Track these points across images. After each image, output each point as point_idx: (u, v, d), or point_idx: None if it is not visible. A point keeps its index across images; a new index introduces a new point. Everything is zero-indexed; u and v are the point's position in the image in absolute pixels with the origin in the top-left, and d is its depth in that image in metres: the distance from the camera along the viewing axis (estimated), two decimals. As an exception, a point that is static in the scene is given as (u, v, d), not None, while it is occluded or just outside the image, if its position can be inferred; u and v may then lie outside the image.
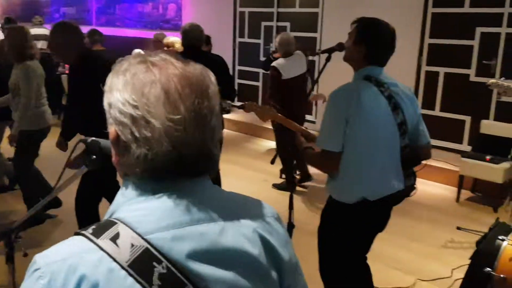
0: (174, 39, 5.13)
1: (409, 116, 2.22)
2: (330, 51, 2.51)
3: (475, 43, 5.55)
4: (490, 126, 5.06)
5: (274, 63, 4.74)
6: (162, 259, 0.73)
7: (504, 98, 5.15)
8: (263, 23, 7.73)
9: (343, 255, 2.41)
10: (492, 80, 3.54)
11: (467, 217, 4.42)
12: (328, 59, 2.54)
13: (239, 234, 0.83)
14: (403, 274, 3.37)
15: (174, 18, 9.11)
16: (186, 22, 3.83)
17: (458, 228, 4.05)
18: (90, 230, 0.77)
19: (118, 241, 0.73)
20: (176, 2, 9.03)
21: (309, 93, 3.40)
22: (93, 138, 1.32)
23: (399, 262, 3.54)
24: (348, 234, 2.32)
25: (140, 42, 8.24)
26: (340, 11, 6.39)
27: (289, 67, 4.70)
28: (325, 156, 2.17)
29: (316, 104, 7.02)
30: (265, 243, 0.86)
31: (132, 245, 0.73)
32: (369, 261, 2.56)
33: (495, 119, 5.37)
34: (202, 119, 0.80)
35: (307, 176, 4.94)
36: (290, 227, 2.65)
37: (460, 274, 2.77)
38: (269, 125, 5.53)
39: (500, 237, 2.70)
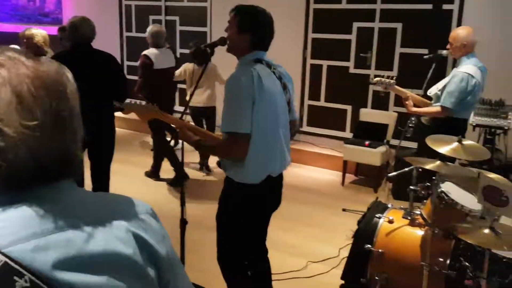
0: (35, 31, 4.49)
1: (291, 95, 2.41)
2: (212, 45, 2.51)
3: (353, 37, 5.97)
4: (368, 114, 5.50)
5: (145, 52, 4.75)
6: (24, 272, 0.68)
7: (376, 88, 5.64)
8: (151, 17, 7.53)
9: (244, 240, 2.45)
10: (376, 79, 3.86)
11: (352, 199, 4.76)
12: (211, 54, 2.55)
13: (110, 236, 0.80)
14: (295, 257, 3.53)
15: (54, 12, 8.49)
16: (74, 16, 3.51)
17: (344, 209, 4.36)
18: None
19: None
20: (55, -7, 8.42)
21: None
22: None
23: (291, 247, 3.71)
24: (252, 215, 2.38)
25: (15, 38, 7.54)
26: (228, 5, 6.43)
27: (161, 58, 4.76)
28: (236, 140, 2.16)
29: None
30: (140, 241, 0.84)
31: None
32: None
33: (372, 108, 5.86)
34: (61, 122, 0.75)
35: (183, 176, 4.97)
36: (183, 223, 2.63)
37: (347, 252, 2.97)
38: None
39: (377, 215, 2.95)
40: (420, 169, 2.88)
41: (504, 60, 4.87)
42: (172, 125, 2.55)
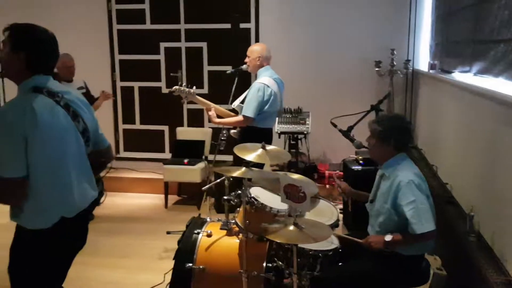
0: None
1: (89, 122, 2.14)
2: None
3: (161, 57, 5.94)
4: (185, 132, 5.50)
5: None
6: None
7: (191, 106, 5.70)
8: None
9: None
10: (175, 87, 3.86)
11: (176, 220, 4.63)
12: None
13: None
14: (118, 294, 3.25)
15: None
16: None
17: (168, 232, 4.20)
18: None
19: None
20: None
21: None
22: None
23: (113, 283, 3.42)
24: (48, 262, 2.06)
25: None
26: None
27: None
28: (9, 185, 1.86)
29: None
30: None
31: None
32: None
33: (188, 126, 5.88)
34: None
35: None
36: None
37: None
38: None
39: (195, 231, 2.89)
40: (231, 179, 2.93)
41: (299, 72, 5.38)
42: None
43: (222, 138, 4.05)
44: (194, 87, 3.90)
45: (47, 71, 2.04)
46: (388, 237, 2.38)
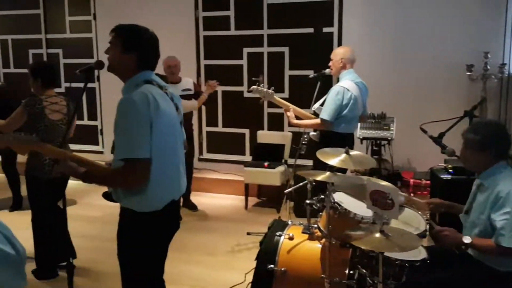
0: None
1: (181, 115, 2.31)
2: (88, 70, 2.34)
3: (244, 62, 6.08)
4: (265, 136, 5.58)
5: None
6: None
7: (271, 110, 5.78)
8: (31, 51, 7.04)
9: (151, 273, 2.25)
10: (253, 87, 3.93)
11: (256, 221, 4.73)
12: (88, 79, 2.36)
13: None
14: (200, 290, 3.37)
15: None
16: None
17: (248, 233, 4.29)
18: None
19: None
20: None
21: (73, 115, 3.17)
22: None
23: (195, 279, 3.54)
24: (156, 244, 2.20)
25: None
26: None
27: None
28: (133, 167, 1.99)
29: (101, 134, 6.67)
30: None
31: None
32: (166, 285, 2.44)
33: (268, 129, 5.96)
34: None
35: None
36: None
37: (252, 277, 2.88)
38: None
39: (277, 233, 2.92)
40: (314, 183, 2.93)
41: (383, 76, 5.24)
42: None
43: (303, 142, 4.04)
44: (273, 88, 3.94)
45: (152, 68, 2.20)
46: (468, 239, 2.25)
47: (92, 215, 4.83)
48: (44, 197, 3.42)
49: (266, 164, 5.04)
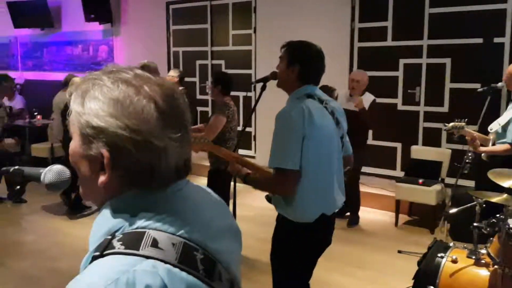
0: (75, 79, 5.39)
1: (344, 130, 2.34)
2: (264, 80, 2.53)
3: (400, 73, 5.89)
4: (420, 151, 5.31)
5: None
6: (197, 247, 0.82)
7: (427, 124, 5.49)
8: (198, 62, 7.78)
9: (299, 279, 2.34)
10: (450, 124, 3.64)
11: (406, 240, 4.53)
12: (263, 88, 2.56)
13: (226, 216, 0.99)
14: (350, 301, 3.34)
15: (106, 60, 8.93)
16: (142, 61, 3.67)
17: (399, 251, 4.13)
18: (119, 246, 0.77)
19: (160, 245, 0.78)
20: (107, 43, 8.89)
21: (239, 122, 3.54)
22: (16, 167, 1.20)
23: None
24: (304, 255, 2.28)
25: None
26: (272, 47, 6.56)
27: None
28: (283, 176, 2.12)
29: (255, 140, 7.05)
30: None
31: (173, 244, 0.79)
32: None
33: (423, 144, 5.66)
34: (188, 132, 0.87)
35: None
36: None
37: (405, 295, 2.79)
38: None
39: (439, 255, 2.77)
40: (484, 205, 2.71)
41: None
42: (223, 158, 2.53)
43: (468, 161, 3.76)
44: (465, 120, 3.61)
45: (315, 83, 2.29)
46: None
47: (244, 214, 5.13)
48: None
49: (421, 181, 4.80)
